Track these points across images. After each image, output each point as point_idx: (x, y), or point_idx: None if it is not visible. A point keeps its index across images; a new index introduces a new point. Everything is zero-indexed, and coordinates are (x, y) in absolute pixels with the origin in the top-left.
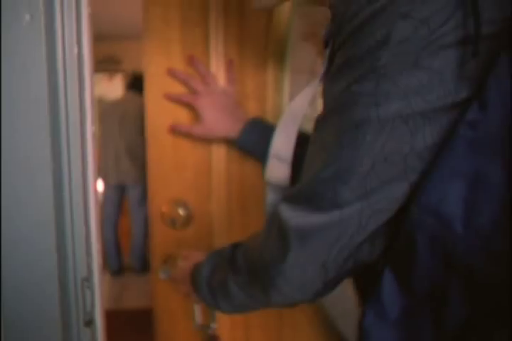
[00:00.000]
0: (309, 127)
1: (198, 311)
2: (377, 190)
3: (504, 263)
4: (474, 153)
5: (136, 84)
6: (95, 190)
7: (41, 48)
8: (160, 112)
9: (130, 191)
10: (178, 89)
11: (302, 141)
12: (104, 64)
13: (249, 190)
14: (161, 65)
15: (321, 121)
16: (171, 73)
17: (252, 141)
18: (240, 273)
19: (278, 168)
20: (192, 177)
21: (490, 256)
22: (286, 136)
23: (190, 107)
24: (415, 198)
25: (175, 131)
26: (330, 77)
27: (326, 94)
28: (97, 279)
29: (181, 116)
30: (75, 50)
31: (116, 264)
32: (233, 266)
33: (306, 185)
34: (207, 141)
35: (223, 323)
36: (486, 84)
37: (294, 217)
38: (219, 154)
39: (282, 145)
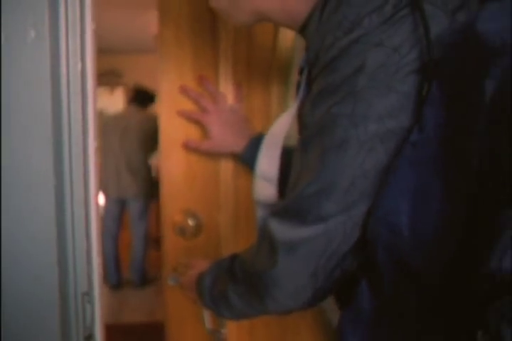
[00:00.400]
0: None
1: (207, 316)
2: (357, 204)
3: (441, 264)
4: (416, 169)
5: (137, 98)
6: (97, 205)
7: (46, 64)
8: (173, 128)
9: (131, 205)
10: (189, 106)
11: (288, 158)
12: (106, 77)
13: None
14: (173, 83)
15: (303, 143)
16: (183, 91)
17: (254, 156)
18: (238, 282)
19: (265, 188)
20: (202, 190)
21: (431, 259)
22: (269, 157)
23: (200, 123)
24: (371, 210)
25: (186, 146)
26: (310, 103)
27: (307, 119)
28: (97, 293)
29: (193, 131)
30: (79, 66)
31: (115, 278)
32: (232, 276)
33: (292, 201)
34: (216, 155)
35: (230, 329)
36: (424, 109)
37: (281, 230)
38: (227, 168)
39: (267, 166)
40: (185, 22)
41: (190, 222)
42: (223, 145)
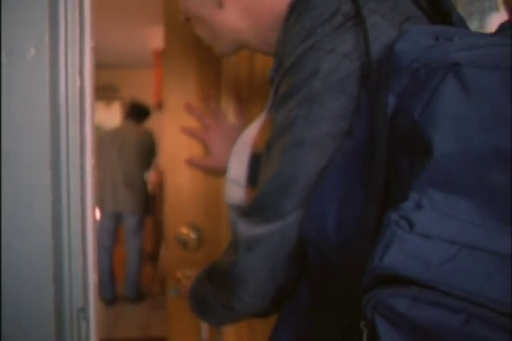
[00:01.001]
0: None
1: (204, 327)
2: (306, 200)
3: (359, 267)
4: (345, 176)
5: (133, 113)
6: (94, 222)
7: (45, 81)
8: (176, 144)
9: (126, 220)
10: (192, 123)
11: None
12: (103, 92)
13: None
14: (177, 100)
15: (268, 145)
16: (187, 109)
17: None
18: (214, 283)
19: (235, 191)
20: (204, 204)
21: (350, 262)
22: (239, 162)
23: (202, 140)
24: (305, 211)
25: (188, 163)
26: (275, 107)
27: (273, 122)
28: (92, 310)
29: (195, 147)
30: (78, 83)
31: (110, 293)
32: (210, 277)
33: (254, 200)
34: (217, 171)
35: (228, 338)
36: (354, 119)
37: (244, 228)
38: None
39: (236, 171)
40: (190, 39)
41: (193, 235)
42: (223, 162)
